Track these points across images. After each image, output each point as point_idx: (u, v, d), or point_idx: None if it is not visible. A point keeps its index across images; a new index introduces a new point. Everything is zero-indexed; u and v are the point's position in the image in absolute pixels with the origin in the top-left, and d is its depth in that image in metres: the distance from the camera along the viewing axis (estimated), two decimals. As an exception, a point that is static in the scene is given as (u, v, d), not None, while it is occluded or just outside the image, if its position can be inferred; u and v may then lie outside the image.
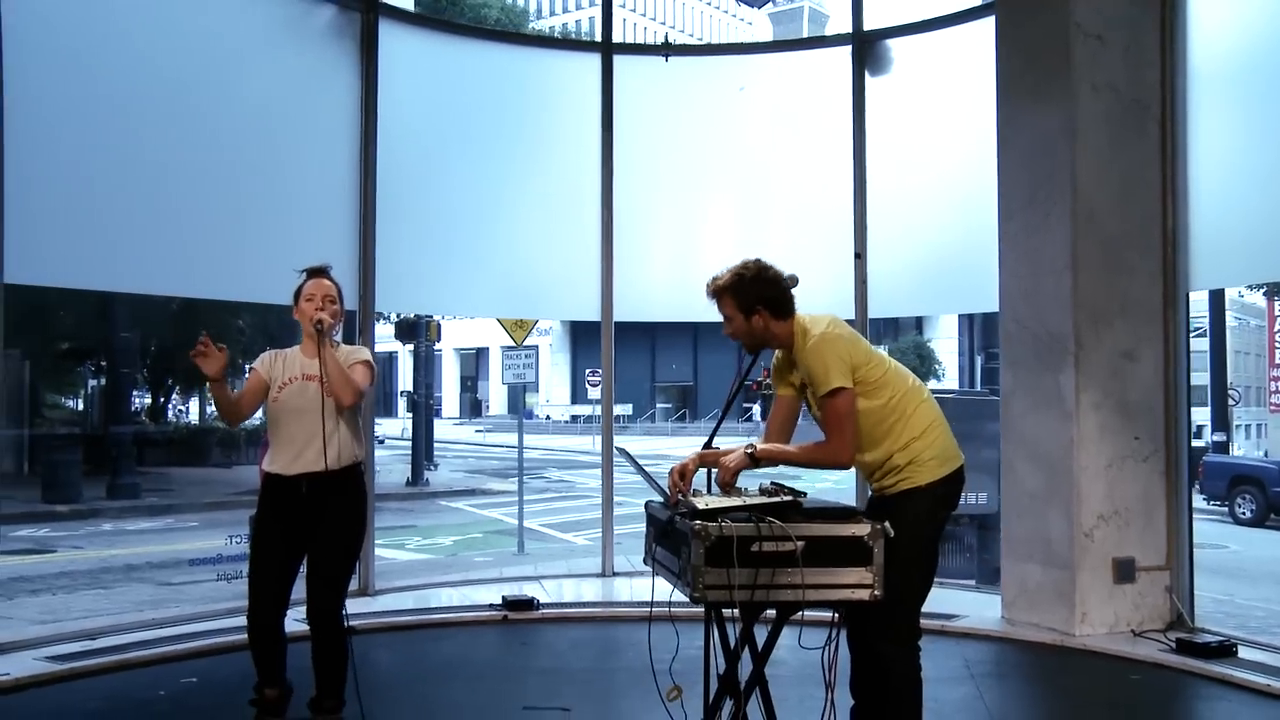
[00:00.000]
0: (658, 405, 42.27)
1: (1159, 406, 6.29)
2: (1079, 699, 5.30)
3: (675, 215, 8.19)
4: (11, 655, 5.59)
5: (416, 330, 21.34)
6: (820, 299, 8.03)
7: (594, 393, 28.44)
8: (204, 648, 5.80)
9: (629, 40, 37.22)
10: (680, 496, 3.74)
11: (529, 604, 6.80)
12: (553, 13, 58.83)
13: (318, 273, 4.46)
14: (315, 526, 4.22)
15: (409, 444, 22.10)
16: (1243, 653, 5.68)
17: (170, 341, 20.14)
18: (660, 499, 3.90)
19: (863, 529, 3.57)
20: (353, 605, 6.75)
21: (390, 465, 23.44)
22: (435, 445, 24.25)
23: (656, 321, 7.84)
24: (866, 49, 7.84)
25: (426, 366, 22.61)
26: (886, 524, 3.61)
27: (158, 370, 22.44)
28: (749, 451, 3.77)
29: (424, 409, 21.86)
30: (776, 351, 3.96)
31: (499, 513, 17.42)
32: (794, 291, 3.88)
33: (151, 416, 23.62)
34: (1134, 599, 6.20)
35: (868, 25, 7.88)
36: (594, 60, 8.07)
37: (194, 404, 29.02)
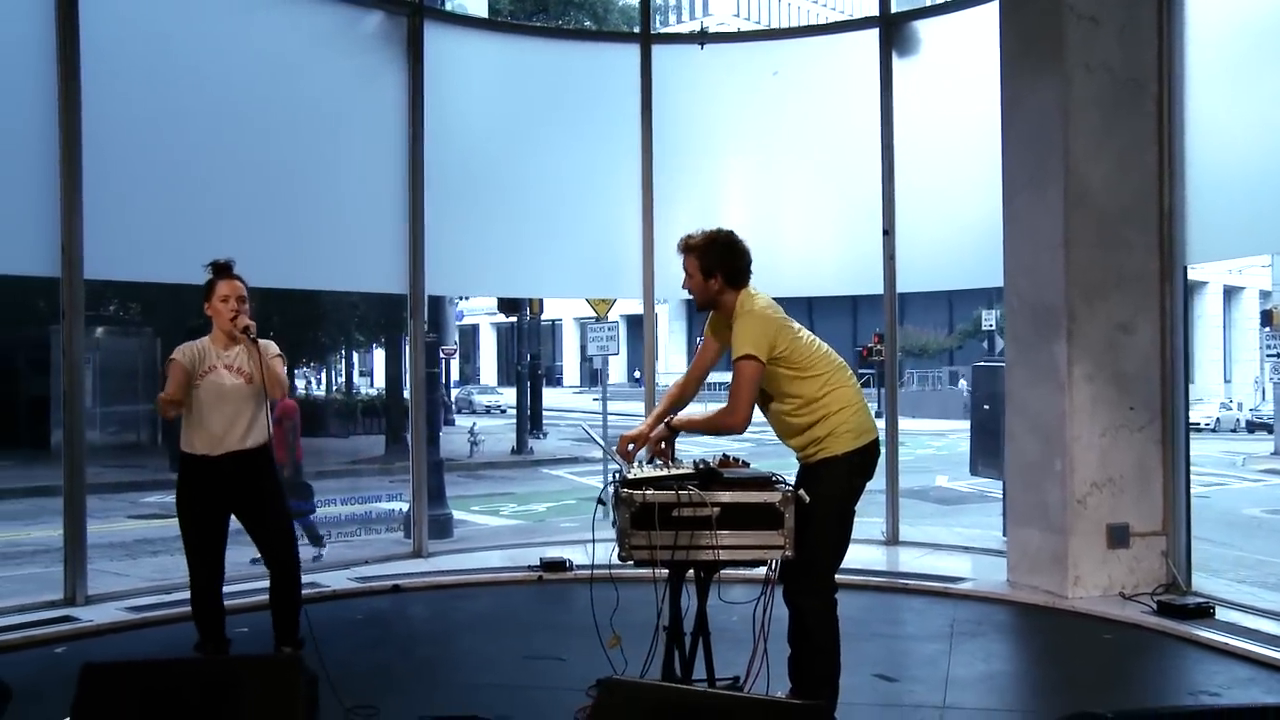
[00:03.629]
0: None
1: (1155, 377, 6.54)
2: (1038, 655, 5.69)
3: (712, 195, 8.64)
4: (99, 605, 6.47)
5: (519, 303, 22.18)
6: (850, 275, 8.49)
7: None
8: (257, 603, 6.55)
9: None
10: (626, 466, 4.30)
11: (562, 565, 7.42)
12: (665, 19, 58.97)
13: (226, 271, 4.90)
14: (244, 498, 4.80)
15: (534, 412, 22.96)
16: (1221, 614, 5.94)
17: (291, 317, 21.46)
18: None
19: (774, 496, 4.07)
20: (403, 565, 7.61)
21: (500, 434, 24.46)
22: (548, 414, 25.15)
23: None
24: (893, 31, 8.15)
25: (536, 338, 23.50)
26: (801, 491, 4.12)
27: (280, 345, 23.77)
28: (669, 423, 4.35)
29: (527, 379, 22.69)
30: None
31: (599, 480, 18.13)
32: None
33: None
34: (1129, 564, 6.49)
35: (895, 7, 8.19)
36: (634, 50, 8.55)
37: (316, 376, 30.51)
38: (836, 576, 4.32)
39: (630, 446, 4.37)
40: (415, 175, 7.84)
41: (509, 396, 30.98)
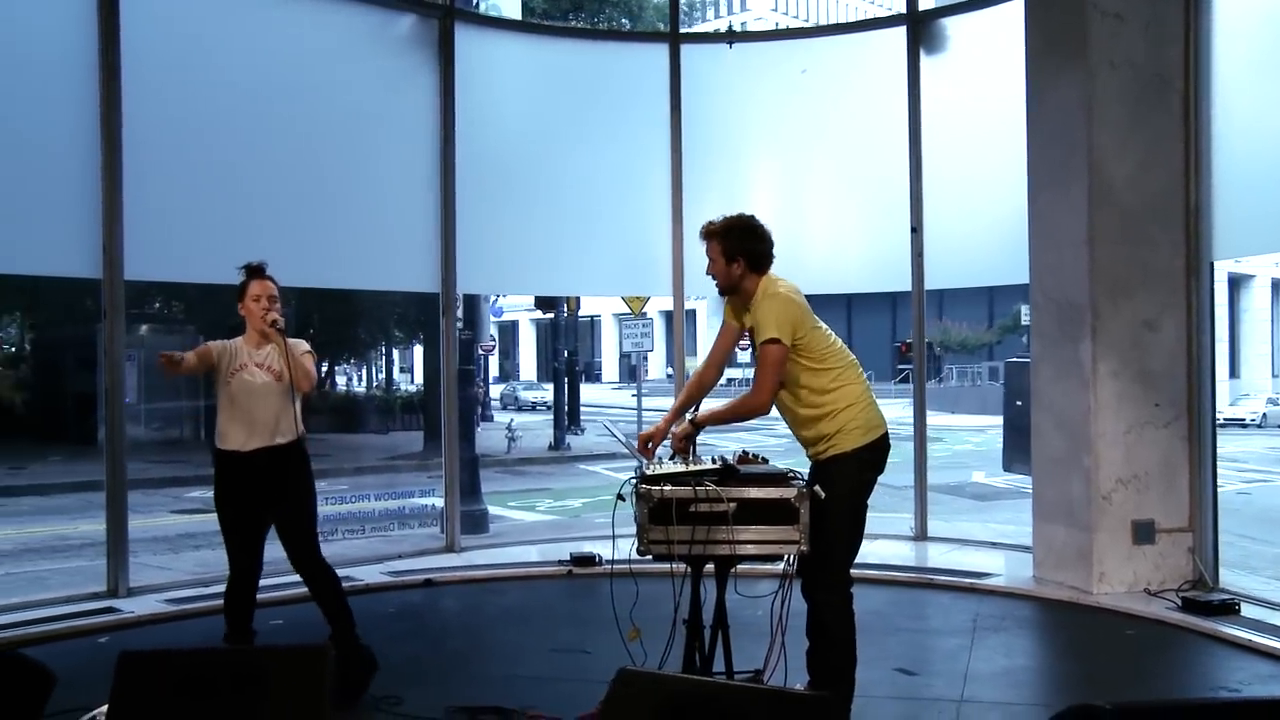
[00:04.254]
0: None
1: (1181, 374, 6.55)
2: (1060, 650, 5.73)
3: (740, 193, 8.70)
4: (141, 597, 6.67)
5: (556, 300, 22.34)
6: (877, 272, 8.54)
7: (743, 355, 28.98)
8: (295, 595, 6.72)
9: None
10: (646, 462, 4.41)
11: (591, 559, 7.54)
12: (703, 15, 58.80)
13: (259, 272, 5.05)
14: (274, 493, 4.92)
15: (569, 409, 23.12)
16: (1247, 611, 5.95)
17: (331, 315, 21.77)
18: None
19: (789, 492, 4.16)
20: (435, 560, 7.75)
21: (537, 430, 24.64)
22: (586, 410, 25.31)
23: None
24: (921, 28, 8.19)
25: (574, 334, 23.66)
26: (817, 488, 4.21)
27: (315, 342, 24.17)
28: (691, 420, 4.43)
29: (565, 375, 22.85)
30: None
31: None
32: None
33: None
34: (1155, 560, 6.50)
35: (922, 5, 8.23)
36: (662, 50, 8.64)
37: (356, 372, 30.87)
38: (863, 572, 4.41)
39: (650, 444, 4.48)
40: (446, 175, 7.98)
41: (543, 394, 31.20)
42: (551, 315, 23.49)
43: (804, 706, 3.20)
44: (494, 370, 40.64)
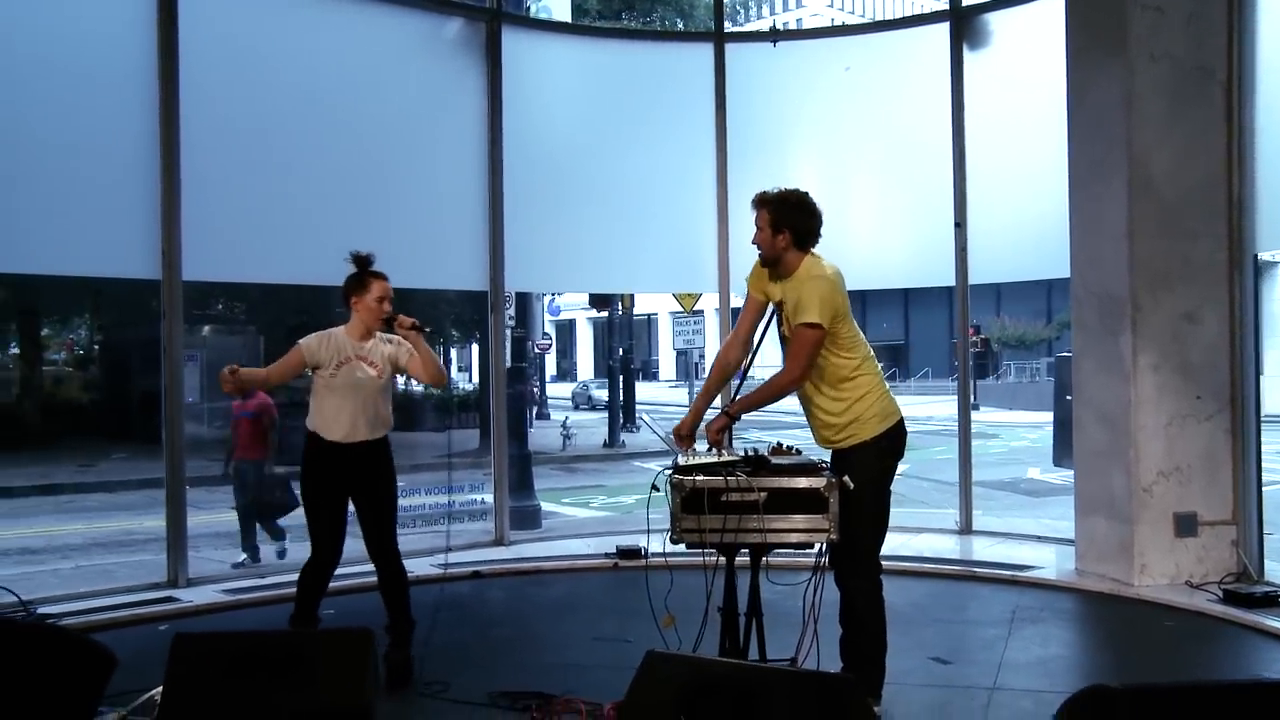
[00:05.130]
0: (871, 364, 42.27)
1: (1223, 366, 6.54)
2: (1097, 641, 5.77)
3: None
4: (199, 588, 6.92)
5: (610, 298, 22.52)
6: (921, 267, 8.59)
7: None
8: (345, 587, 6.90)
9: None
10: (682, 454, 4.54)
11: (637, 552, 7.67)
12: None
13: (376, 271, 5.25)
14: (364, 483, 5.13)
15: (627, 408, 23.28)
16: (1289, 602, 5.96)
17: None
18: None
19: (819, 482, 4.27)
20: (484, 553, 7.92)
21: (592, 428, 24.82)
22: (642, 408, 25.43)
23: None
24: (964, 24, 8.23)
25: (628, 331, 23.83)
26: (846, 478, 4.31)
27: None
28: (727, 411, 4.52)
29: (620, 373, 23.02)
30: (756, 263, 4.63)
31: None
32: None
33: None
34: (1197, 553, 6.51)
35: (965, 0, 8.26)
36: (707, 49, 8.76)
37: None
38: (905, 565, 4.48)
39: (683, 436, 4.61)
40: (494, 175, 8.16)
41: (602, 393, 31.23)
42: (606, 313, 23.67)
43: (826, 686, 3.31)
44: (551, 369, 40.81)
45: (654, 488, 4.57)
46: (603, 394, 36.21)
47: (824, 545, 4.35)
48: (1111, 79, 6.58)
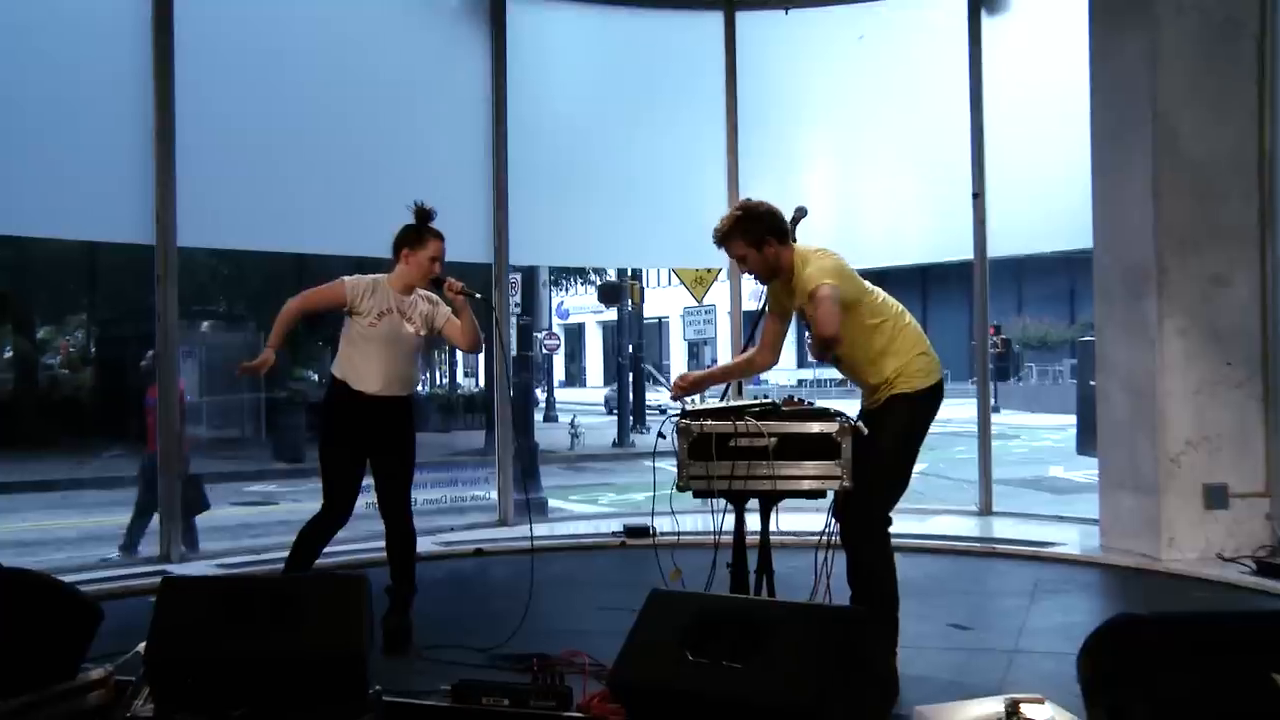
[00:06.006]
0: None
1: (1255, 331, 6.46)
2: (1122, 609, 5.63)
3: (796, 162, 8.77)
4: (193, 563, 6.90)
5: (619, 294, 22.47)
6: (939, 241, 8.52)
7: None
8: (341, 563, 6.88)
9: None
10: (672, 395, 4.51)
11: (645, 531, 7.60)
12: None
13: (438, 233, 5.24)
14: (386, 442, 5.05)
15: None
16: (1324, 573, 5.86)
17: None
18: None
19: (831, 426, 4.21)
20: (488, 533, 7.87)
21: (601, 430, 24.76)
22: (652, 410, 25.34)
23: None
24: (982, -13, 8.17)
25: (639, 329, 23.77)
26: (859, 422, 4.24)
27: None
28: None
29: (629, 371, 22.95)
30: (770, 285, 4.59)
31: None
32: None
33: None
34: (1229, 526, 6.41)
35: (984, -37, 8.21)
36: (717, 18, 8.71)
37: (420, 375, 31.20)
38: (921, 542, 4.37)
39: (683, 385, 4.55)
40: (499, 145, 8.12)
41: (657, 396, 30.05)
42: (615, 311, 23.63)
43: (837, 619, 3.25)
44: (560, 373, 40.76)
45: (660, 435, 4.52)
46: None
47: (837, 494, 4.30)
48: (1136, 33, 6.51)
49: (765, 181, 8.50)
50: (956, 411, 18.54)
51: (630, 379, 22.97)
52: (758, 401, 4.36)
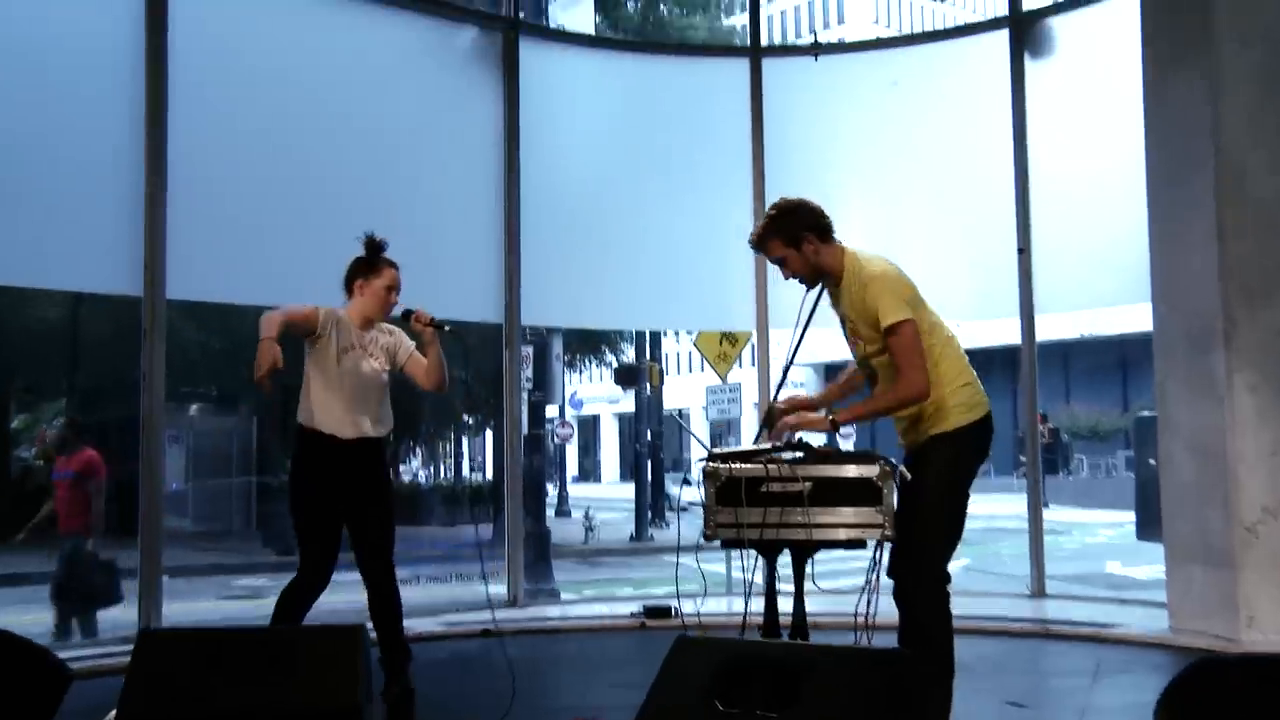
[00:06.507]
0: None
1: (1335, 386, 6.36)
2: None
3: (830, 217, 8.75)
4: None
5: (637, 376, 22.43)
6: (981, 299, 8.47)
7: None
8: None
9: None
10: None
11: (667, 611, 7.47)
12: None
13: (393, 263, 5.23)
14: (359, 487, 4.96)
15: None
16: None
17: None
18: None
19: (871, 470, 4.12)
20: (496, 614, 7.74)
21: (618, 525, 24.58)
22: (675, 500, 25.18)
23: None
24: (1025, 30, 8.24)
25: (658, 414, 23.67)
26: (901, 466, 4.16)
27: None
28: (830, 418, 4.34)
29: (648, 458, 22.83)
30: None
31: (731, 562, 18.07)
32: None
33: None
34: (1318, 601, 6.24)
35: (1026, 5, 8.29)
36: (742, 65, 8.81)
37: (424, 470, 31.16)
38: (972, 624, 4.20)
39: (791, 420, 4.41)
40: (510, 197, 8.15)
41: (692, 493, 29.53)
42: (632, 393, 23.58)
43: (883, 662, 3.13)
44: (572, 467, 40.61)
45: (685, 481, 4.44)
46: (687, 494, 35.27)
47: (880, 548, 4.19)
48: (1195, 68, 6.53)
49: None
50: (999, 506, 18.34)
51: (649, 467, 22.81)
52: (790, 443, 4.28)
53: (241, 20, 7.51)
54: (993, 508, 23.37)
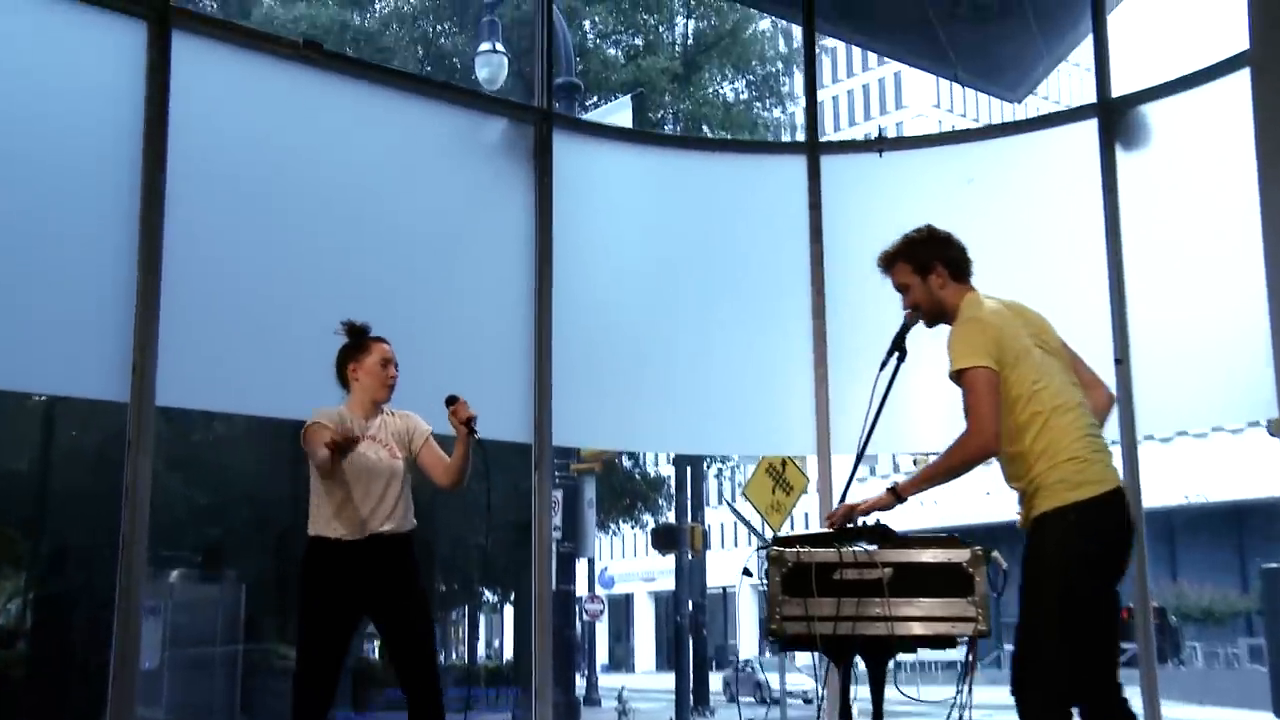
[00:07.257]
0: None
1: None
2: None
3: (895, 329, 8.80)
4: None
5: (678, 538, 22.26)
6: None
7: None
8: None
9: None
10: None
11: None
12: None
13: (381, 338, 5.45)
14: (385, 591, 4.96)
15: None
16: None
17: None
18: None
19: (961, 554, 4.08)
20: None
21: (656, 713, 24.14)
22: (716, 693, 24.75)
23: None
24: (1115, 119, 8.36)
25: (699, 579, 23.42)
26: (995, 552, 4.11)
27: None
28: (891, 488, 4.31)
29: (689, 635, 22.52)
30: None
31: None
32: None
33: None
34: None
35: (1117, 91, 8.44)
36: (799, 163, 8.96)
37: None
38: None
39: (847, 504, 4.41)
40: (543, 305, 8.20)
41: (800, 680, 28.24)
42: (672, 557, 23.37)
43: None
44: (602, 654, 40.08)
45: (745, 572, 4.40)
46: (797, 681, 32.99)
47: (971, 644, 4.12)
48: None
49: (857, 352, 8.52)
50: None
51: (689, 645, 22.50)
52: (866, 525, 4.25)
53: (248, 110, 7.69)
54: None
